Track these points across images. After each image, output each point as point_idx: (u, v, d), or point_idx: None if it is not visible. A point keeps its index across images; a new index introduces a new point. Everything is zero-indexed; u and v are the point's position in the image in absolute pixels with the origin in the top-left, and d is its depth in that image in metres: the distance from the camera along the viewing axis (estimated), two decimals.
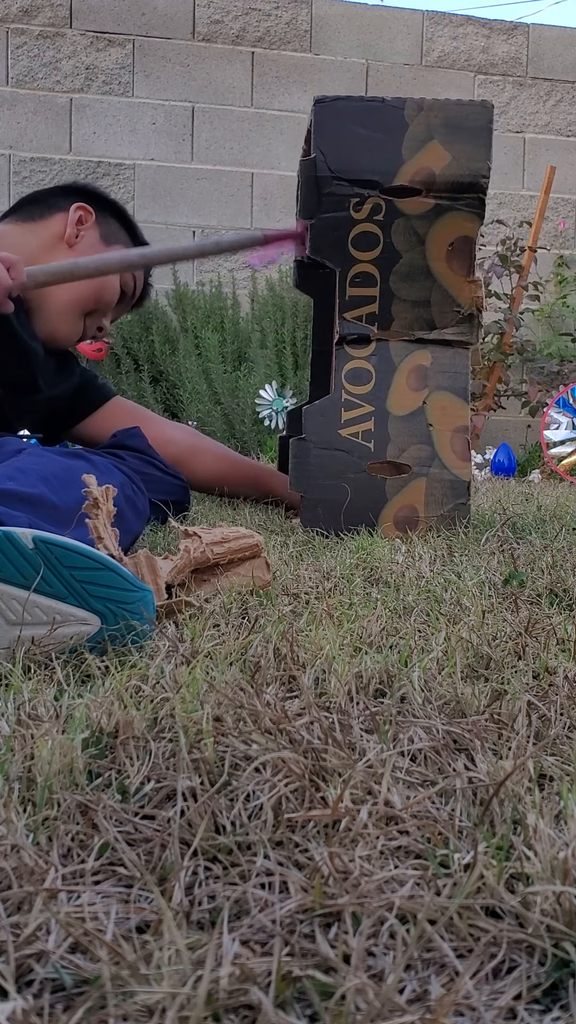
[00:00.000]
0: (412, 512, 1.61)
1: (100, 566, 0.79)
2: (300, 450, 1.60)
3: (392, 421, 1.61)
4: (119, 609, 0.80)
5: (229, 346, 4.10)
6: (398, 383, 1.62)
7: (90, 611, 0.79)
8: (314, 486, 1.59)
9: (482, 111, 1.59)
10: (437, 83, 4.68)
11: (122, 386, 4.07)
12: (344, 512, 1.59)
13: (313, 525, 1.59)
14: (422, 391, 1.63)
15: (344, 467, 1.60)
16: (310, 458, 1.60)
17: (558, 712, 0.68)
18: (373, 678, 0.74)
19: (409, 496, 1.61)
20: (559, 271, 4.75)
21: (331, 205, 1.57)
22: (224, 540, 1.07)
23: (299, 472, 1.60)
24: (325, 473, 1.60)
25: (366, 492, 1.60)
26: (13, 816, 0.50)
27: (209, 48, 4.45)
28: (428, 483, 1.61)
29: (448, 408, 1.63)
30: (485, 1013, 0.37)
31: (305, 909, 0.43)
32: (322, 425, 1.60)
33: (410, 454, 1.62)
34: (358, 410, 1.61)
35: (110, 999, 0.36)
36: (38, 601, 0.77)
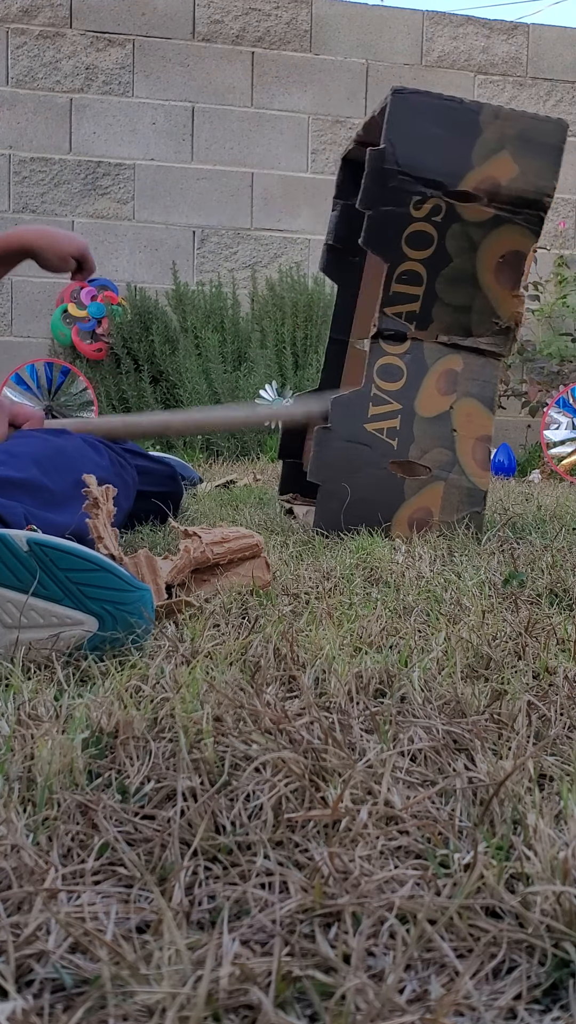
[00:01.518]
0: (427, 514, 1.60)
1: (96, 567, 0.79)
2: (323, 439, 1.59)
3: (418, 422, 1.61)
4: (117, 610, 0.79)
5: (229, 346, 4.10)
6: (428, 385, 1.62)
7: (87, 613, 0.78)
8: (333, 477, 1.58)
9: (556, 129, 1.58)
10: (437, 83, 4.68)
11: (122, 386, 4.07)
12: (359, 506, 1.58)
13: (325, 520, 1.58)
14: (450, 395, 1.62)
15: (365, 461, 1.59)
16: (332, 448, 1.59)
17: (558, 712, 0.68)
18: (373, 678, 0.74)
19: (426, 498, 1.61)
20: (559, 271, 4.75)
21: (392, 199, 1.57)
22: (224, 540, 1.07)
23: (319, 461, 1.59)
24: (345, 465, 1.59)
25: (384, 489, 1.59)
26: (13, 816, 0.50)
27: (209, 48, 4.45)
28: (446, 488, 1.61)
29: (474, 416, 1.63)
30: (485, 1013, 0.37)
31: (305, 909, 0.43)
32: (348, 417, 1.59)
33: (431, 457, 1.61)
34: (386, 406, 1.60)
35: (110, 999, 0.36)
36: (34, 604, 0.77)
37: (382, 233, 1.58)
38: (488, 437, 1.64)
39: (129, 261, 4.38)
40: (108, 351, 4.16)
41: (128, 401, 4.06)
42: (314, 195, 4.59)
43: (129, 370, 4.08)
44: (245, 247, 4.52)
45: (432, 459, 1.62)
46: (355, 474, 1.59)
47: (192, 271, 4.47)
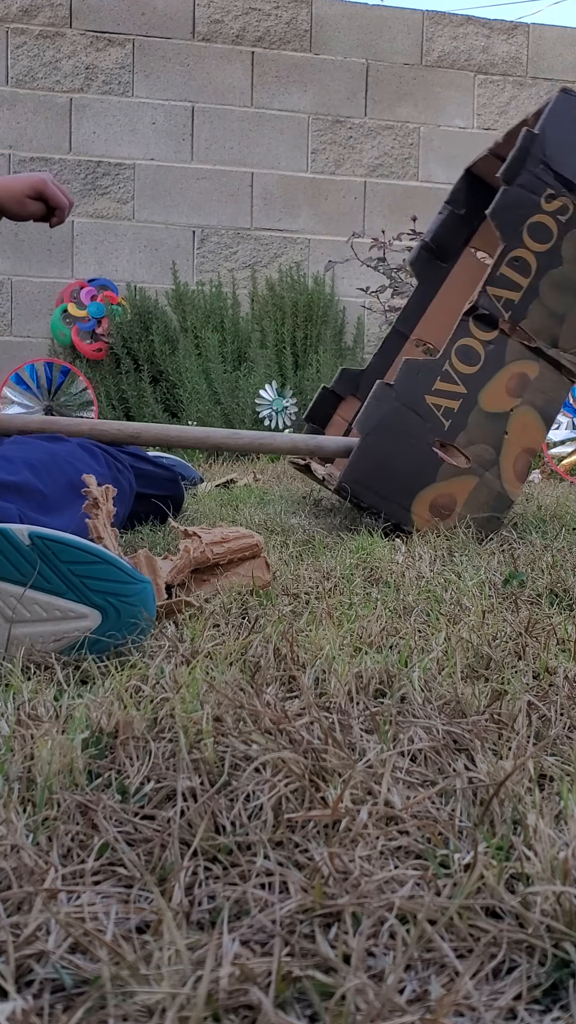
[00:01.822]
0: (450, 503, 1.59)
1: (98, 559, 0.78)
2: (381, 395, 1.57)
3: (476, 413, 1.60)
4: (120, 602, 0.79)
5: (229, 346, 4.10)
6: (499, 380, 1.61)
7: (90, 606, 0.78)
8: (376, 434, 1.57)
9: None
10: (437, 83, 4.68)
11: (122, 386, 4.07)
12: (389, 472, 1.57)
13: (354, 476, 1.55)
14: (515, 399, 1.62)
15: (412, 431, 1.58)
16: (386, 407, 1.57)
17: (558, 712, 0.68)
18: (373, 678, 0.74)
19: (455, 487, 1.60)
20: None
21: (528, 183, 1.57)
22: (224, 540, 1.07)
23: (369, 414, 1.58)
24: (392, 427, 1.57)
25: (419, 464, 1.58)
26: (13, 816, 0.50)
27: (209, 48, 4.45)
28: (478, 484, 1.60)
29: (529, 427, 1.63)
30: (485, 1013, 0.37)
31: (305, 909, 0.43)
32: (414, 383, 1.58)
33: (475, 450, 1.61)
34: (453, 386, 1.59)
35: (110, 999, 0.36)
36: (37, 598, 0.76)
37: (510, 211, 1.59)
38: (534, 451, 1.64)
39: (129, 261, 4.38)
40: (108, 351, 4.16)
41: (128, 401, 4.06)
42: (314, 195, 4.59)
43: (129, 370, 4.08)
44: (245, 247, 4.52)
45: (475, 452, 1.61)
46: (397, 439, 1.57)
47: (192, 271, 4.47)
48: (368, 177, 4.66)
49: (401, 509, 1.58)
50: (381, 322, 3.98)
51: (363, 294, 3.79)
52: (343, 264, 3.79)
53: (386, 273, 3.59)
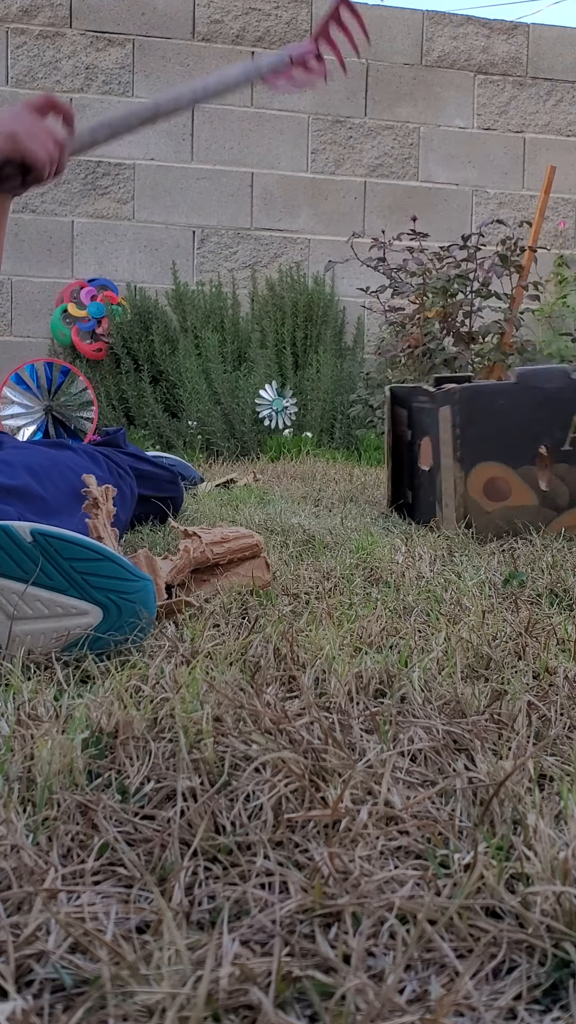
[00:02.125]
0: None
1: (100, 556, 0.79)
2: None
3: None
4: (121, 599, 0.79)
5: (229, 346, 4.10)
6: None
7: (92, 603, 0.78)
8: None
9: None
10: (437, 83, 4.68)
11: (122, 386, 4.07)
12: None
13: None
14: None
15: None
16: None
17: (558, 712, 0.68)
18: (373, 678, 0.74)
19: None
20: (559, 271, 4.75)
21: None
22: (224, 540, 1.07)
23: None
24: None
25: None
26: (13, 816, 0.50)
27: (209, 48, 4.45)
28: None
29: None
30: (485, 1013, 0.37)
31: (305, 909, 0.43)
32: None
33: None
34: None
35: (110, 999, 0.36)
36: (38, 594, 0.77)
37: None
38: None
39: (129, 261, 4.38)
40: (108, 351, 4.16)
41: (128, 401, 4.06)
42: (314, 195, 4.59)
43: (129, 370, 4.08)
44: (245, 247, 4.52)
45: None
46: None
47: (192, 271, 4.47)
48: (368, 177, 4.65)
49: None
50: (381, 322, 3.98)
51: (363, 294, 3.78)
52: (343, 264, 3.79)
53: (386, 273, 3.59)
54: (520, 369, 1.60)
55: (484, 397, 1.59)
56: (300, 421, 4.01)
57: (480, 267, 3.46)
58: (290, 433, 3.93)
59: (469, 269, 3.47)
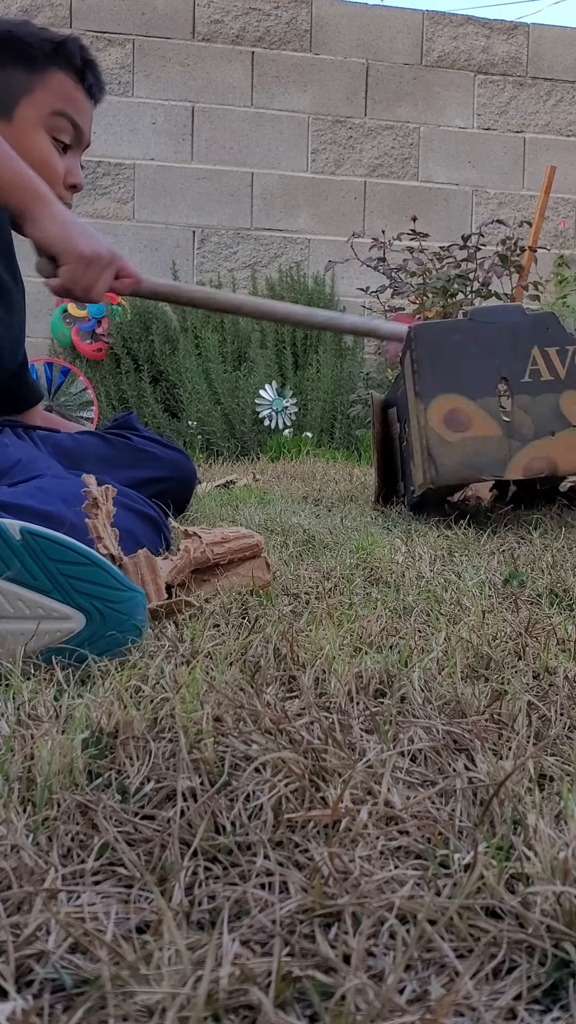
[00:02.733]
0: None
1: (88, 562, 0.77)
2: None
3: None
4: (106, 608, 0.78)
5: (229, 346, 4.10)
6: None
7: (75, 608, 0.77)
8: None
9: None
10: (437, 83, 4.68)
11: (122, 386, 4.07)
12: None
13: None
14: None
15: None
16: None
17: (558, 712, 0.68)
18: (373, 678, 0.74)
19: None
20: (559, 271, 4.75)
21: None
22: (224, 540, 1.07)
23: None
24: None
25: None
26: (13, 816, 0.50)
27: (209, 48, 4.45)
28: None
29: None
30: (485, 1013, 0.37)
31: (305, 909, 0.43)
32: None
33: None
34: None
35: (110, 999, 0.36)
36: (22, 594, 0.75)
37: None
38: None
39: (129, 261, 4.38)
40: (108, 351, 4.16)
41: (128, 401, 4.06)
42: (314, 195, 4.59)
43: (129, 370, 4.08)
44: (245, 247, 4.52)
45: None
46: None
47: (192, 271, 4.47)
48: (368, 177, 4.66)
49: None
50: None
51: (363, 294, 3.79)
52: (343, 264, 3.79)
53: (386, 273, 3.59)
54: (473, 308, 1.64)
55: (438, 332, 1.61)
56: (300, 421, 4.01)
57: (480, 267, 3.46)
58: (290, 433, 3.93)
59: (469, 269, 3.47)
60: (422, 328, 1.61)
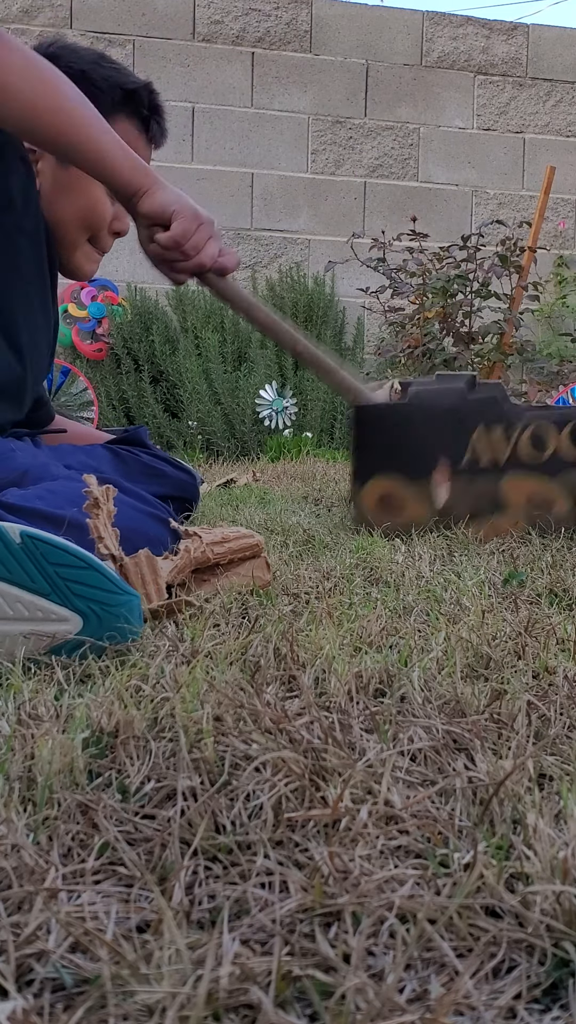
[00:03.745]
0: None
1: (85, 565, 0.79)
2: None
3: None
4: (103, 611, 0.80)
5: (229, 346, 4.10)
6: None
7: (72, 610, 0.79)
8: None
9: None
10: (437, 83, 4.68)
11: (122, 386, 4.07)
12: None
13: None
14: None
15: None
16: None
17: (558, 712, 0.68)
18: (373, 678, 0.74)
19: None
20: (559, 271, 4.75)
21: None
22: (224, 540, 1.07)
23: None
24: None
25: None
26: (13, 816, 0.50)
27: (209, 48, 4.45)
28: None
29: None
30: (485, 1013, 0.37)
31: (305, 909, 0.43)
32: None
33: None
34: None
35: (110, 998, 0.36)
36: (20, 596, 0.78)
37: None
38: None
39: (129, 261, 4.38)
40: (108, 351, 4.16)
41: (128, 401, 4.06)
42: (314, 195, 4.59)
43: (129, 370, 4.08)
44: (245, 247, 4.52)
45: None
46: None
47: None
48: (368, 177, 4.66)
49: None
50: (381, 322, 3.98)
51: (363, 294, 3.79)
52: (343, 264, 3.79)
53: (386, 273, 3.59)
54: (416, 388, 1.59)
55: (379, 414, 1.58)
56: (300, 421, 4.01)
57: (480, 267, 3.46)
58: (290, 433, 3.93)
59: (469, 269, 3.47)
60: (363, 410, 1.57)
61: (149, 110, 1.50)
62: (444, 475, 1.55)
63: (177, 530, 1.11)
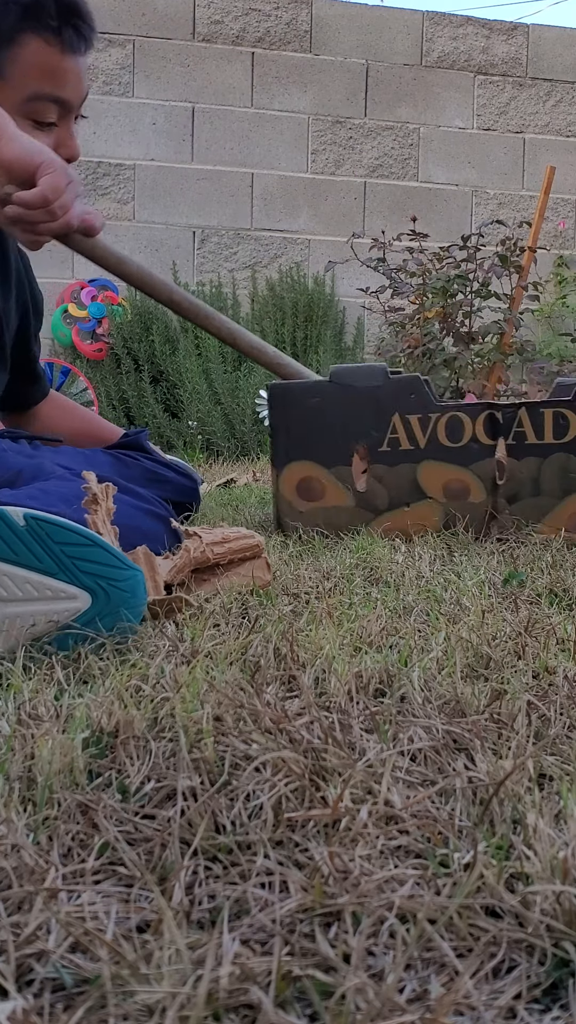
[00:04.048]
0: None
1: (90, 542, 0.81)
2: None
3: None
4: (110, 586, 0.82)
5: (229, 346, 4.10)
6: None
7: (80, 587, 0.81)
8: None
9: None
10: (437, 83, 4.68)
11: (122, 386, 4.07)
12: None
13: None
14: None
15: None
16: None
17: (558, 712, 0.68)
18: (373, 678, 0.74)
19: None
20: (559, 271, 4.75)
21: None
22: (224, 540, 1.07)
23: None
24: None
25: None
26: (13, 816, 0.50)
27: (209, 48, 4.45)
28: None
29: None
30: (485, 1013, 0.37)
31: (305, 909, 0.43)
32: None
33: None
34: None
35: (110, 999, 0.36)
36: (29, 577, 0.79)
37: None
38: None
39: None
40: (108, 351, 4.16)
41: (128, 401, 4.06)
42: (314, 195, 4.59)
43: (129, 370, 4.08)
44: (245, 247, 4.52)
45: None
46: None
47: (192, 271, 4.47)
48: (368, 177, 4.66)
49: None
50: (381, 322, 3.97)
51: (363, 294, 3.79)
52: (343, 264, 3.79)
53: (386, 273, 3.59)
54: (336, 367, 1.55)
55: (295, 395, 1.54)
56: None
57: (480, 267, 3.46)
58: None
59: (469, 269, 3.47)
60: (278, 388, 1.53)
61: (59, 16, 1.25)
62: (363, 460, 1.52)
63: (177, 530, 1.12)
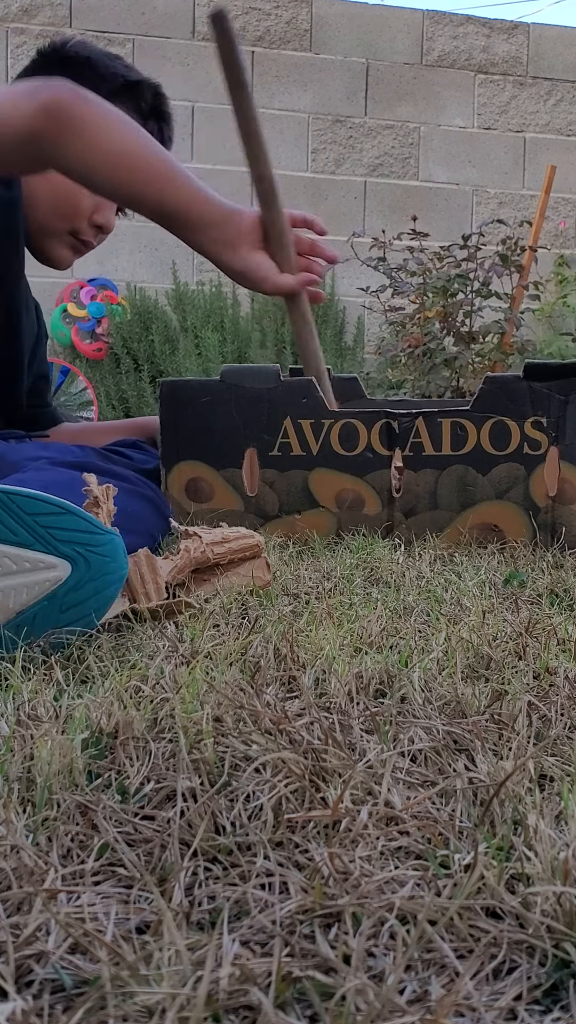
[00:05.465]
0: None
1: (62, 511, 0.81)
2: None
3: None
4: (88, 552, 0.82)
5: (229, 346, 4.10)
6: None
7: (59, 556, 0.81)
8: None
9: None
10: (437, 82, 4.68)
11: (122, 386, 4.07)
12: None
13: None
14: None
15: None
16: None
17: (558, 712, 0.68)
18: (373, 678, 0.74)
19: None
20: (559, 271, 4.75)
21: None
22: (224, 540, 1.07)
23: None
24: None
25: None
26: (13, 816, 0.50)
27: (209, 47, 4.44)
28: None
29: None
30: (485, 1014, 0.37)
31: (305, 910, 0.43)
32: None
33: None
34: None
35: (110, 1000, 0.36)
36: (6, 551, 0.79)
37: None
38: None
39: (129, 261, 4.38)
40: (108, 351, 4.16)
41: (128, 401, 4.06)
42: (314, 194, 4.59)
43: (129, 370, 4.08)
44: None
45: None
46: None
47: (192, 271, 4.47)
48: (368, 177, 4.66)
49: None
50: (381, 322, 3.97)
51: (363, 294, 3.79)
52: (343, 264, 3.79)
53: (386, 273, 3.59)
54: (227, 367, 1.52)
55: (185, 392, 1.50)
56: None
57: (480, 267, 3.46)
58: None
59: (469, 269, 3.47)
60: (168, 385, 1.50)
61: (151, 111, 1.43)
62: (253, 463, 1.48)
63: (177, 530, 1.11)
